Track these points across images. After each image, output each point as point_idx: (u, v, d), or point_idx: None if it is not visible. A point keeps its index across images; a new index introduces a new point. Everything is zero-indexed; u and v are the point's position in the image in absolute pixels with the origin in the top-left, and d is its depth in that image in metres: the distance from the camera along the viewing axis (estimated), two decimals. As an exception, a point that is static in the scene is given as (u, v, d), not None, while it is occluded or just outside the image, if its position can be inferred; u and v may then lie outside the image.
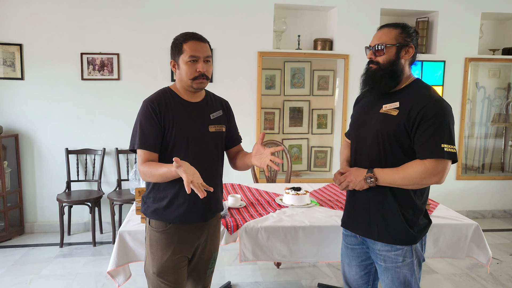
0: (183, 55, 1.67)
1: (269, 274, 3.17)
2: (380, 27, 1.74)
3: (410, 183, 1.58)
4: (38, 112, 3.82)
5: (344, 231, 1.89)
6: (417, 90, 1.64)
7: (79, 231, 3.99)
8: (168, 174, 1.56)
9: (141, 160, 1.65)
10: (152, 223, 1.74)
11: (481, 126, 4.94)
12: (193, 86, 1.68)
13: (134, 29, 3.83)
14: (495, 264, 3.42)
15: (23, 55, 3.73)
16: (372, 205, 1.70)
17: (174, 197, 1.70)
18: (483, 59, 4.52)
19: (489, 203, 4.72)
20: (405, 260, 1.67)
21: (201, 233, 1.79)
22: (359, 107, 1.87)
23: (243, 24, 4.00)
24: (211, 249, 1.86)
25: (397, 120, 1.61)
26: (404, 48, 1.65)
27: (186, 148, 1.68)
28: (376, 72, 1.68)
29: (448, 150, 1.54)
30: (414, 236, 1.66)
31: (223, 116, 1.83)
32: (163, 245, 1.71)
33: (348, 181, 1.70)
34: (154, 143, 1.66)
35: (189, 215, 1.71)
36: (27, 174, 3.89)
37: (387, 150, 1.65)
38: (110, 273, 2.09)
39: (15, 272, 3.12)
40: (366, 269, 1.86)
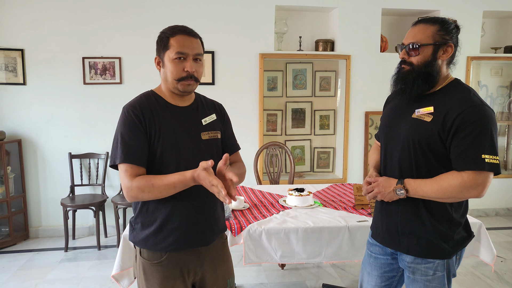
0: (169, 51, 1.43)
1: (273, 275, 3.17)
2: (415, 22, 1.58)
3: (445, 197, 1.44)
4: (41, 117, 3.84)
5: (370, 240, 1.78)
6: (455, 93, 1.49)
7: (83, 235, 4.00)
8: (182, 182, 1.34)
9: (128, 175, 1.37)
10: (144, 254, 1.48)
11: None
12: (178, 88, 1.44)
13: (136, 32, 3.85)
14: (499, 263, 3.41)
15: (24, 60, 3.75)
16: (401, 217, 1.57)
17: (167, 220, 1.45)
18: (485, 58, 4.51)
19: (492, 202, 4.70)
20: (436, 274, 1.54)
21: (205, 259, 1.54)
22: (389, 108, 1.73)
23: (244, 26, 4.01)
24: (224, 276, 1.60)
25: (430, 127, 1.47)
26: (442, 47, 1.50)
27: (177, 160, 1.44)
28: (408, 73, 1.52)
29: (489, 161, 1.38)
30: (448, 251, 1.52)
31: (217, 120, 1.58)
32: (161, 278, 1.46)
33: (376, 192, 1.57)
34: (140, 155, 1.40)
35: (187, 240, 1.46)
36: (31, 179, 3.91)
37: (419, 159, 1.50)
38: (114, 277, 2.10)
39: (20, 277, 3.13)
40: (387, 281, 1.73)
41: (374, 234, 1.72)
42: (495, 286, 3.01)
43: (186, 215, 1.45)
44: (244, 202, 2.57)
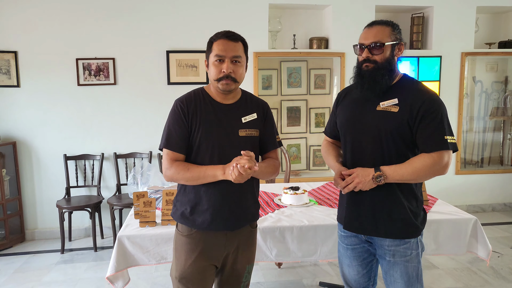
0: (211, 54, 1.62)
1: (270, 274, 3.17)
2: (370, 24, 1.70)
3: (418, 177, 1.62)
4: (35, 119, 3.83)
5: (343, 233, 1.86)
6: (410, 86, 1.67)
7: (80, 237, 3.99)
8: (211, 177, 1.57)
9: (168, 159, 1.63)
10: (179, 227, 1.72)
11: (479, 120, 4.94)
12: (219, 87, 1.61)
13: (129, 33, 3.84)
14: (496, 258, 3.42)
15: (18, 63, 3.73)
16: (378, 202, 1.68)
17: (198, 202, 1.65)
18: (479, 53, 4.52)
19: (489, 197, 4.72)
20: (412, 253, 1.70)
21: (230, 243, 1.70)
22: (347, 104, 1.82)
23: (237, 25, 4.00)
24: (244, 261, 1.75)
25: (399, 116, 1.62)
26: (398, 45, 1.67)
27: (212, 152, 1.62)
28: (375, 71, 1.64)
29: (450, 141, 1.61)
30: (419, 228, 1.70)
31: (258, 119, 1.71)
32: (187, 250, 1.67)
33: (356, 182, 1.63)
34: (179, 143, 1.63)
35: (213, 223, 1.64)
36: (26, 181, 3.89)
37: (391, 147, 1.65)
38: (109, 279, 2.09)
39: (16, 279, 3.13)
40: (367, 266, 1.85)
41: (347, 226, 1.79)
42: (491, 281, 3.02)
43: (214, 201, 1.63)
44: (239, 201, 2.57)
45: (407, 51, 4.35)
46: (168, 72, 3.88)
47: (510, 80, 4.87)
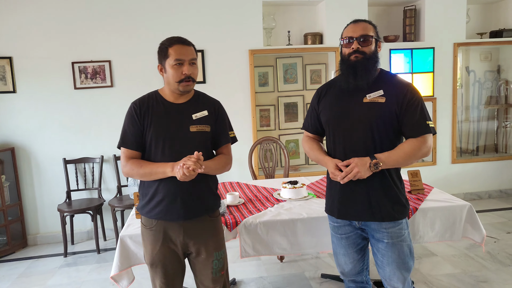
0: (169, 59, 1.73)
1: (273, 268, 3.21)
2: (355, 21, 1.82)
3: (409, 160, 1.75)
4: (33, 124, 3.84)
5: (335, 223, 1.93)
6: (390, 78, 1.83)
7: (82, 240, 4.01)
8: (161, 173, 1.72)
9: (124, 157, 1.79)
10: (143, 220, 1.86)
11: (473, 110, 4.99)
12: (179, 88, 1.75)
13: (124, 35, 3.85)
14: (493, 243, 3.48)
15: (13, 68, 3.74)
16: (373, 188, 1.78)
17: (154, 194, 1.78)
18: (471, 43, 4.56)
19: (485, 184, 4.78)
20: (405, 233, 1.84)
21: (188, 232, 1.81)
22: (328, 101, 1.89)
23: (232, 24, 4.03)
24: (211, 249, 1.85)
25: (387, 106, 1.75)
26: (379, 42, 1.82)
27: (163, 147, 1.76)
28: (365, 61, 1.75)
29: (431, 125, 1.78)
30: (407, 208, 1.85)
31: (209, 116, 1.83)
32: (152, 240, 1.82)
33: (356, 171, 1.70)
34: (134, 142, 1.78)
35: (168, 213, 1.77)
36: (26, 187, 3.91)
37: (382, 135, 1.77)
38: (113, 278, 2.13)
39: (20, 285, 3.15)
40: (361, 252, 1.95)
41: (343, 215, 1.87)
42: (488, 265, 3.07)
43: (168, 193, 1.76)
44: (239, 197, 2.61)
45: (400, 44, 4.39)
46: (163, 72, 3.90)
47: (503, 69, 4.91)
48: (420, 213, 2.32)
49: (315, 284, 2.93)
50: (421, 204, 2.37)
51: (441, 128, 4.59)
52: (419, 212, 2.32)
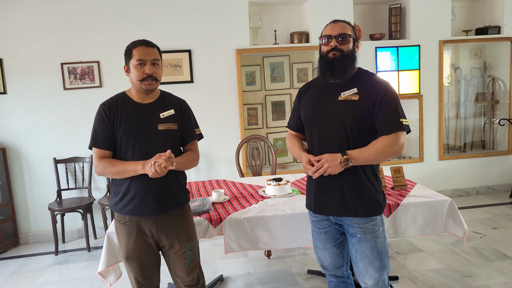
0: (132, 60, 1.83)
1: (260, 265, 3.26)
2: (334, 21, 1.86)
3: (381, 157, 1.78)
4: (23, 125, 3.87)
5: (314, 218, 1.99)
6: (366, 77, 1.87)
7: (73, 238, 4.05)
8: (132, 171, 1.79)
9: (96, 157, 1.86)
10: (116, 216, 1.93)
11: (461, 106, 5.06)
12: (142, 87, 1.83)
13: (113, 36, 3.89)
14: (478, 238, 3.55)
15: (3, 69, 3.77)
16: (346, 184, 1.82)
17: (127, 191, 1.85)
18: (457, 41, 4.62)
19: (472, 180, 4.85)
20: (379, 229, 1.87)
21: (161, 225, 1.89)
22: (307, 99, 1.95)
23: (219, 24, 4.07)
24: (183, 241, 1.93)
25: (360, 104, 1.80)
26: (356, 43, 1.87)
27: (133, 145, 1.83)
28: (343, 58, 1.80)
29: (405, 123, 1.82)
30: (382, 205, 1.88)
31: (175, 115, 1.92)
32: (126, 235, 1.90)
33: (326, 167, 1.75)
34: (104, 142, 1.85)
35: (141, 208, 1.85)
36: (17, 186, 3.94)
37: (354, 132, 1.81)
38: (101, 274, 2.18)
39: (12, 282, 3.19)
40: (340, 247, 1.98)
41: (318, 210, 1.92)
42: (473, 260, 3.14)
43: (140, 189, 1.83)
44: (224, 194, 2.65)
45: (386, 42, 4.45)
46: (152, 72, 3.95)
47: (492, 65, 4.97)
48: (402, 208, 2.38)
49: (301, 280, 2.99)
50: (403, 200, 2.43)
51: (428, 125, 4.66)
52: (401, 207, 2.38)
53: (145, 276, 1.93)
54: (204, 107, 4.10)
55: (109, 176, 1.86)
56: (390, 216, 2.36)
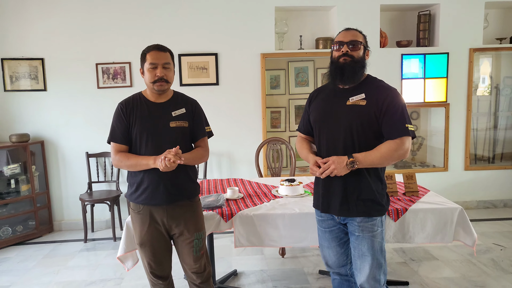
0: (146, 63, 2.00)
1: (274, 263, 3.35)
2: (347, 29, 1.95)
3: (386, 161, 1.86)
4: (60, 120, 4.18)
5: (320, 217, 2.08)
6: (374, 83, 1.94)
7: (101, 228, 4.31)
8: (145, 165, 1.95)
9: (113, 151, 2.03)
10: (131, 205, 2.11)
11: (490, 116, 4.92)
12: (154, 88, 2.00)
13: (144, 38, 4.11)
14: (499, 251, 3.46)
15: (45, 68, 4.09)
16: (349, 186, 1.91)
17: (140, 182, 2.02)
18: (488, 49, 4.52)
19: (500, 193, 4.70)
20: (378, 229, 1.94)
21: (171, 214, 2.04)
22: (318, 103, 2.04)
23: (245, 28, 4.21)
24: (192, 230, 2.08)
25: (367, 109, 1.88)
26: (367, 50, 1.95)
27: (147, 140, 2.00)
28: (354, 63, 1.88)
29: (411, 129, 1.87)
30: (384, 208, 1.95)
31: (187, 113, 2.08)
32: (140, 223, 2.07)
33: (332, 168, 1.83)
34: (121, 137, 2.02)
35: (153, 198, 2.01)
36: (53, 177, 4.25)
37: (360, 136, 1.88)
38: (119, 259, 2.35)
39: (45, 264, 3.46)
40: (344, 245, 2.06)
41: (326, 209, 2.00)
42: (489, 272, 3.08)
43: (152, 181, 2.00)
44: (238, 192, 2.77)
45: (413, 49, 4.43)
46: (180, 74, 4.15)
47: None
48: (410, 213, 2.40)
49: (312, 279, 3.05)
50: (412, 205, 2.45)
51: (454, 134, 4.57)
52: (409, 212, 2.40)
53: (157, 262, 2.08)
54: (228, 108, 4.26)
55: (124, 168, 2.04)
56: (398, 220, 2.39)
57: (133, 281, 3.09)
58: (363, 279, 1.95)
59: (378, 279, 1.94)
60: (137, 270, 3.23)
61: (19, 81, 4.07)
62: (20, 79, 4.07)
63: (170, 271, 2.18)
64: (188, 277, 2.17)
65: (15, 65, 4.04)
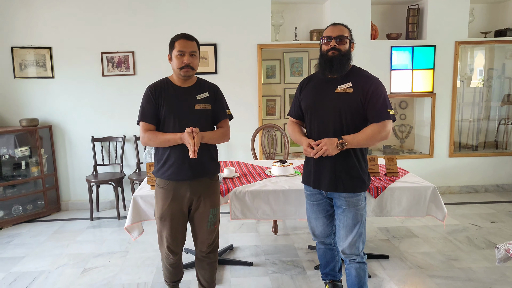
0: (174, 50, 2.17)
1: (267, 239, 3.64)
2: (334, 24, 2.18)
3: (371, 142, 2.10)
4: (67, 106, 4.42)
5: (309, 192, 2.33)
6: (360, 73, 2.18)
7: (106, 208, 4.58)
8: (172, 140, 2.13)
9: (143, 129, 2.21)
10: (157, 181, 2.30)
11: (474, 106, 5.19)
12: (181, 74, 2.17)
13: (146, 29, 4.35)
14: (474, 230, 3.76)
15: (52, 57, 4.31)
16: (338, 165, 2.15)
17: (167, 159, 2.21)
18: (473, 42, 4.76)
19: (482, 178, 4.99)
20: (362, 204, 2.21)
21: (193, 190, 2.24)
22: (308, 91, 2.26)
23: (243, 20, 4.44)
24: (208, 206, 2.28)
25: (354, 96, 2.11)
26: (352, 44, 2.18)
27: (174, 121, 2.18)
28: (340, 57, 2.10)
29: (391, 113, 2.12)
30: (366, 184, 2.21)
31: (209, 97, 2.27)
32: (163, 198, 2.25)
33: (324, 149, 2.07)
34: (151, 116, 2.20)
35: (178, 174, 2.20)
36: (60, 159, 4.51)
37: (348, 120, 2.12)
38: (127, 229, 2.62)
39: (55, 238, 3.74)
40: (330, 217, 2.33)
41: (315, 185, 2.25)
42: (463, 247, 3.37)
43: (178, 158, 2.19)
44: (234, 172, 3.04)
45: (401, 41, 4.67)
46: (181, 63, 4.39)
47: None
48: (388, 191, 2.68)
49: (301, 254, 3.34)
50: (391, 184, 2.72)
51: (439, 123, 4.83)
52: (388, 190, 2.68)
53: (173, 236, 2.29)
54: (226, 96, 4.31)
55: (153, 145, 2.21)
56: (377, 197, 2.67)
57: (137, 253, 3.37)
58: (345, 246, 2.22)
59: (357, 246, 2.22)
60: (141, 244, 3.53)
61: (28, 69, 4.30)
62: (28, 67, 4.29)
63: (182, 248, 2.38)
64: (197, 248, 2.39)
65: (24, 54, 4.26)
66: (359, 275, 2.24)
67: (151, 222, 3.56)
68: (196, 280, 2.59)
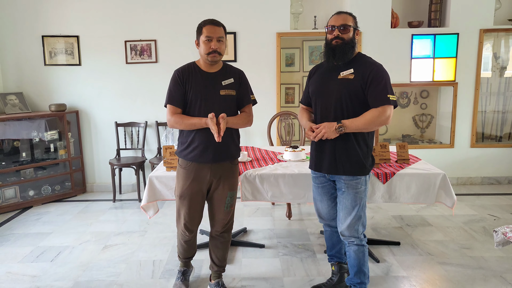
0: (202, 36, 2.22)
1: (281, 223, 3.72)
2: (338, 13, 2.22)
3: (370, 126, 2.13)
4: (93, 92, 4.62)
5: (314, 174, 2.40)
6: (363, 59, 2.21)
7: (128, 191, 4.79)
8: (198, 124, 2.21)
9: (170, 112, 2.28)
10: (180, 161, 2.38)
11: (499, 96, 5.03)
12: (208, 59, 2.22)
13: (168, 18, 4.47)
14: (492, 220, 3.70)
15: (80, 45, 4.52)
16: (338, 148, 2.20)
17: (192, 141, 2.29)
18: (499, 30, 4.61)
19: (505, 170, 4.87)
20: (361, 187, 2.24)
21: (214, 173, 2.32)
22: (315, 78, 2.33)
23: (262, 8, 4.48)
24: (226, 188, 2.37)
25: (355, 82, 2.15)
26: (356, 31, 2.21)
27: (199, 106, 2.25)
28: (344, 45, 2.15)
29: (392, 98, 2.13)
30: (367, 169, 2.24)
31: (234, 83, 2.33)
32: (184, 177, 2.34)
33: (324, 132, 2.13)
34: (178, 100, 2.27)
35: (201, 156, 2.28)
36: (86, 143, 4.74)
37: (348, 105, 2.17)
38: (143, 207, 2.76)
39: (79, 217, 3.96)
40: (334, 200, 2.38)
41: (318, 168, 2.32)
42: (477, 237, 3.34)
43: (202, 141, 2.26)
44: (247, 156, 3.13)
45: (423, 29, 4.58)
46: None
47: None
48: (397, 177, 2.70)
49: (313, 238, 3.40)
50: (400, 170, 2.74)
51: (461, 112, 4.74)
52: (397, 176, 2.70)
53: (190, 215, 2.38)
54: None
55: (179, 128, 2.28)
56: (386, 183, 2.69)
57: (154, 233, 3.53)
58: (343, 227, 2.28)
59: (356, 228, 2.26)
60: (159, 225, 3.69)
61: (57, 56, 4.52)
62: (58, 55, 4.52)
63: (198, 227, 2.49)
64: (213, 227, 2.49)
65: (54, 42, 4.48)
66: (358, 257, 2.29)
67: (170, 204, 3.75)
68: (208, 260, 2.70)
